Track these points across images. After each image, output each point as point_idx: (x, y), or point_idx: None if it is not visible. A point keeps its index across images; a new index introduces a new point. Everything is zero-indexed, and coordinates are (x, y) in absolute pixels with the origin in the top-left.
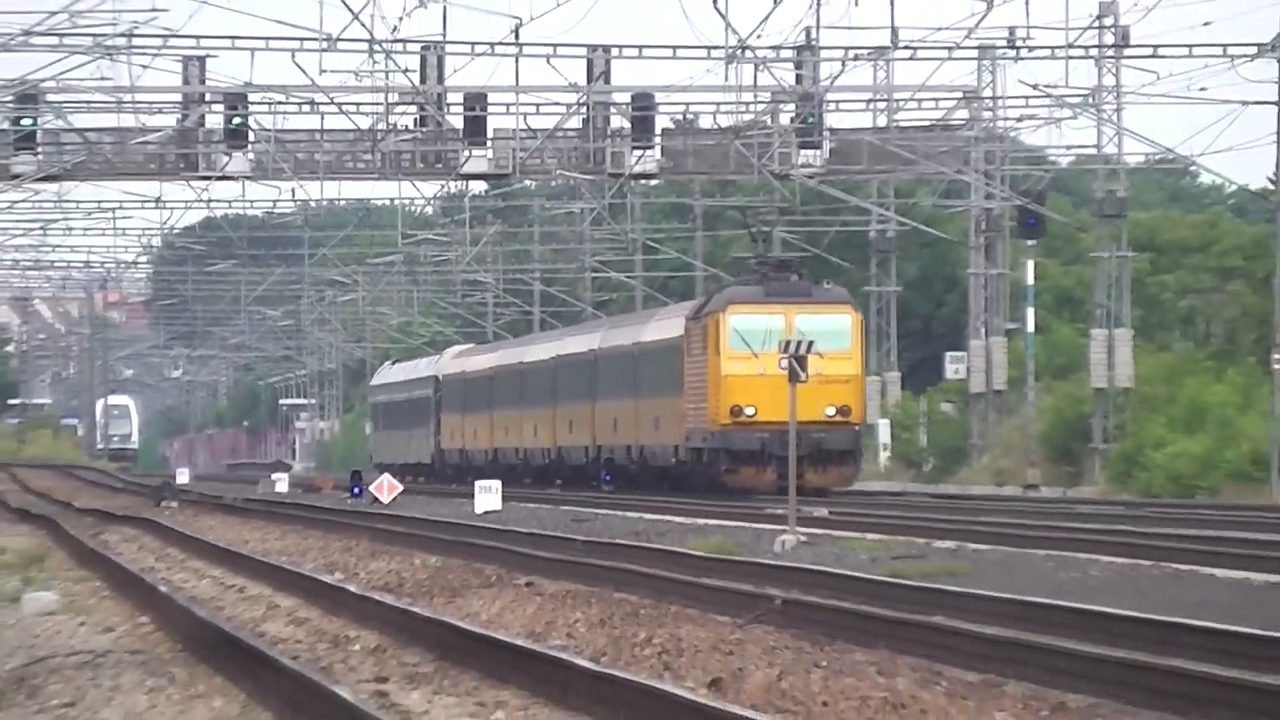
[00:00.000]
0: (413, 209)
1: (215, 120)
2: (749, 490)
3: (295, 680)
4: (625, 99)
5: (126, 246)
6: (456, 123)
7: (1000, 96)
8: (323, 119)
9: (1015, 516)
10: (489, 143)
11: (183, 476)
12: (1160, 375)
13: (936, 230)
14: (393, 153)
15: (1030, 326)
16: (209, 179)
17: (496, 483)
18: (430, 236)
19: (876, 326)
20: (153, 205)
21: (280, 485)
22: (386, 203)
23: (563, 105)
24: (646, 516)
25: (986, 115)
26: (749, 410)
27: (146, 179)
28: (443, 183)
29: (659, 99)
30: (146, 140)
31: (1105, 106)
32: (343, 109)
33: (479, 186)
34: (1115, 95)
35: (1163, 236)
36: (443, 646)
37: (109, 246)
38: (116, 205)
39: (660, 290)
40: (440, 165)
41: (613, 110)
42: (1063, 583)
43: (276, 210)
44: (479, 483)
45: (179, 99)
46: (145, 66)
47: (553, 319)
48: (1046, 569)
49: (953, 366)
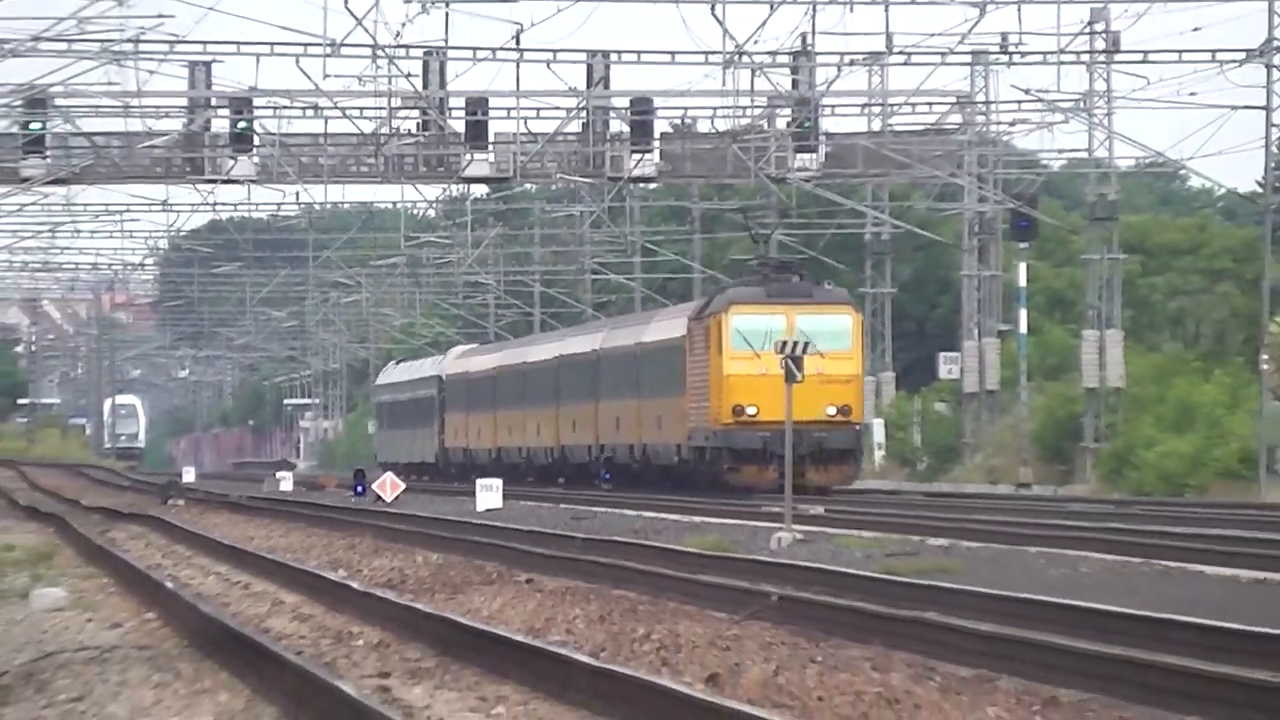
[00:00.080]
0: (415, 212)
1: (221, 124)
2: (751, 489)
3: (299, 675)
4: (624, 104)
5: (134, 249)
6: (458, 127)
7: (993, 101)
8: (326, 123)
9: (1007, 514)
10: (490, 146)
11: (189, 475)
12: (1150, 375)
13: (930, 233)
14: (395, 156)
15: (1023, 327)
16: (215, 182)
17: (498, 481)
18: (432, 239)
19: (871, 328)
20: (159, 208)
21: (285, 484)
22: (389, 206)
23: (563, 110)
24: (645, 514)
25: (979, 120)
26: (751, 410)
27: (153, 182)
28: (445, 186)
29: (657, 104)
30: (153, 144)
31: (1096, 111)
32: (346, 113)
33: (480, 190)
34: (1106, 100)
35: (1153, 239)
36: (444, 642)
37: (116, 249)
38: (124, 208)
39: (659, 292)
40: (442, 169)
41: (612, 115)
42: (1054, 579)
43: (281, 213)
44: (480, 481)
45: (185, 103)
46: (152, 72)
47: (553, 320)
48: (1038, 566)
49: (946, 367)
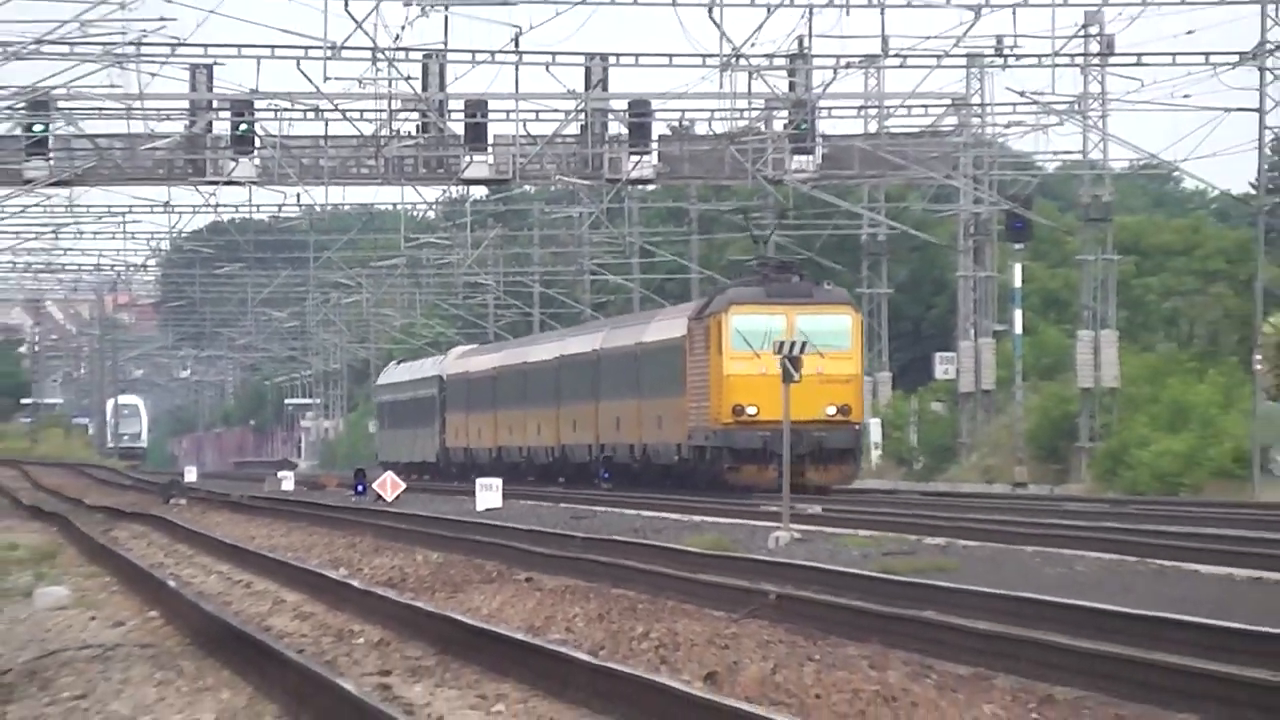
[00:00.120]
0: (415, 213)
1: (222, 127)
2: (751, 488)
3: (300, 673)
4: (622, 106)
5: (136, 250)
6: (458, 129)
7: (988, 103)
8: (327, 125)
9: (1003, 513)
10: (489, 148)
11: (190, 474)
12: (1145, 375)
13: (926, 234)
14: (395, 158)
15: (1018, 328)
16: (216, 184)
17: (497, 480)
18: (432, 240)
19: (868, 328)
20: (161, 210)
21: (286, 483)
22: (389, 207)
23: (561, 112)
24: (644, 514)
25: (975, 122)
26: (751, 409)
27: (155, 184)
28: (444, 188)
29: (655, 106)
30: (155, 146)
31: (1091, 113)
32: (347, 116)
33: (480, 191)
34: (1100, 102)
35: (1147, 240)
36: (444, 640)
37: (119, 250)
38: (126, 210)
39: (657, 292)
40: (442, 170)
41: (610, 117)
42: (1050, 578)
43: (282, 214)
44: (480, 480)
45: (187, 106)
46: (154, 74)
47: (552, 320)
48: (1034, 565)
49: (942, 367)
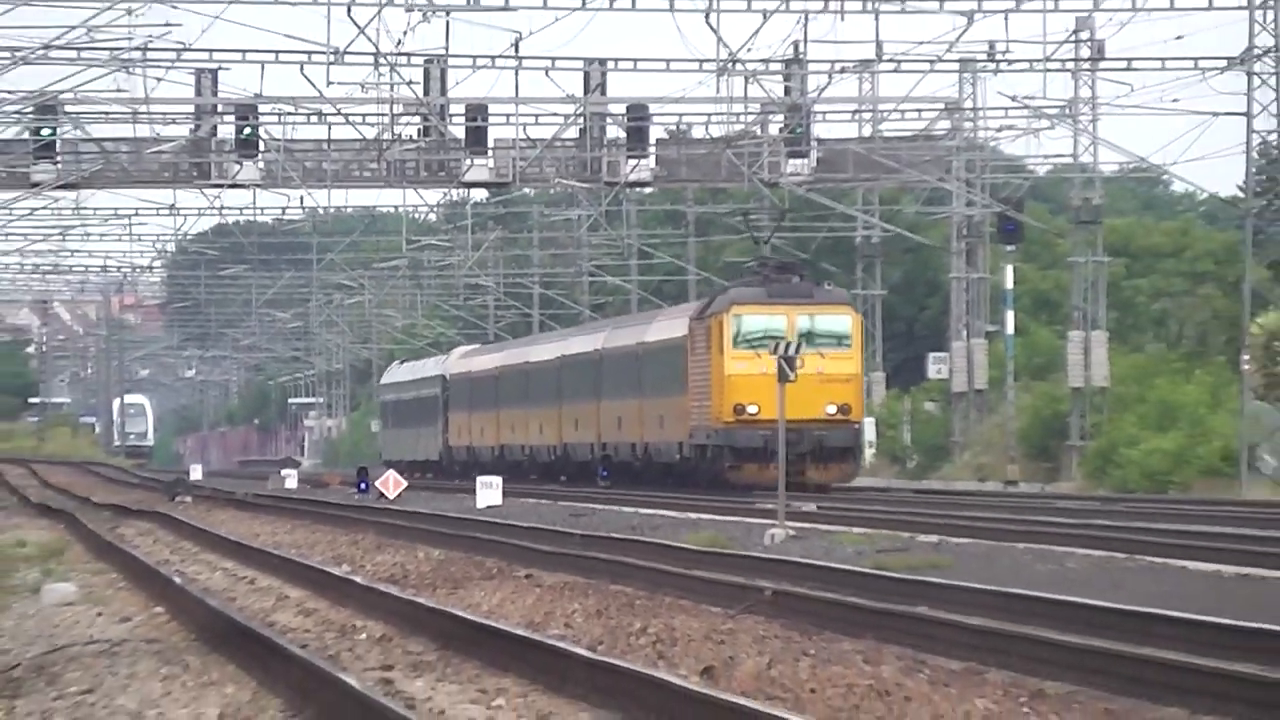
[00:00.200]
0: (416, 216)
1: (227, 130)
2: (752, 486)
3: (304, 668)
4: (621, 110)
5: (142, 252)
6: (458, 133)
7: (980, 108)
8: (330, 129)
9: (996, 511)
10: (490, 152)
11: (196, 473)
12: (1134, 375)
13: (919, 236)
14: (397, 162)
15: (1010, 328)
16: (221, 187)
17: (497, 479)
18: (433, 242)
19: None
20: (167, 212)
21: (289, 481)
22: (391, 210)
23: (561, 116)
24: (642, 511)
25: (967, 126)
26: (752, 408)
27: (161, 187)
28: (445, 190)
29: (653, 110)
30: (161, 149)
31: (1081, 117)
32: (349, 120)
33: (480, 194)
34: (1091, 106)
35: (1137, 242)
36: (445, 636)
37: (125, 252)
38: (132, 212)
39: (655, 294)
40: (443, 174)
41: (609, 121)
42: (1041, 575)
43: (286, 217)
44: (480, 478)
45: (192, 110)
46: (160, 79)
47: (551, 321)
48: (1026, 561)
49: (935, 367)
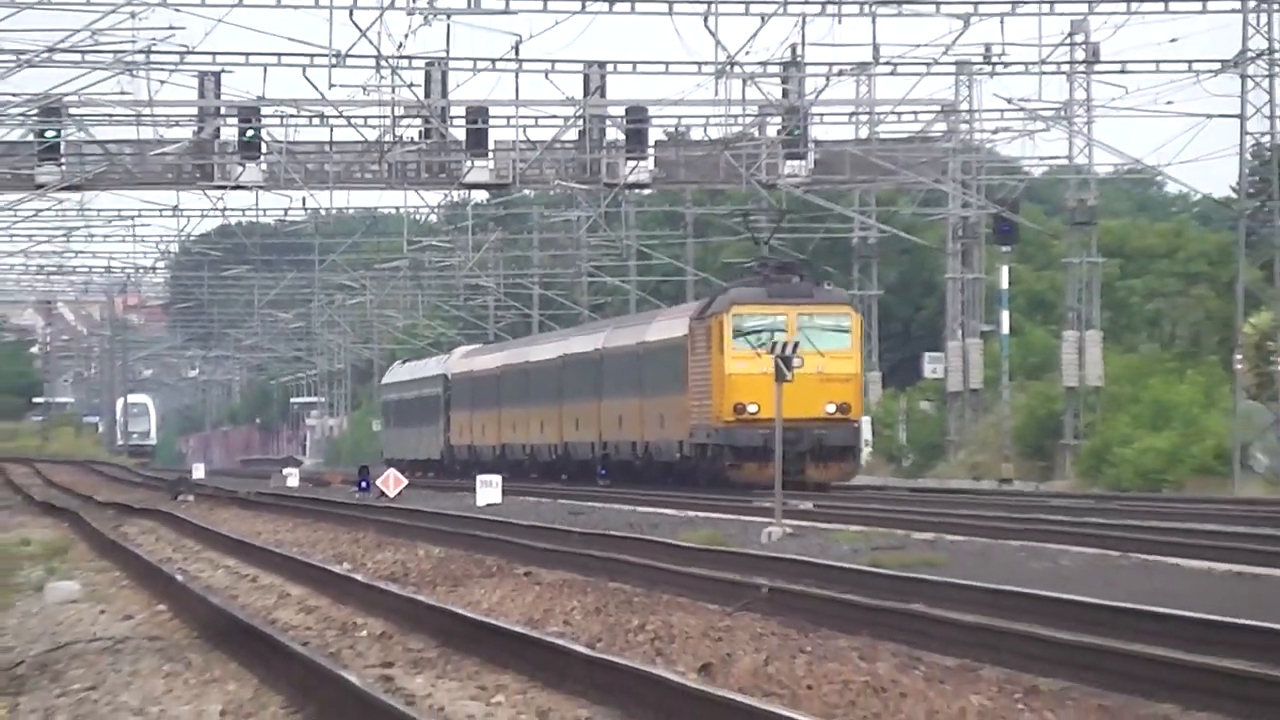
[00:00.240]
0: (417, 217)
1: (230, 132)
2: (752, 485)
3: (305, 665)
4: (620, 112)
5: (145, 252)
6: (459, 135)
7: (976, 110)
8: (332, 131)
9: (990, 509)
10: (490, 154)
11: (198, 472)
12: (1128, 375)
13: (916, 237)
14: (398, 163)
15: (1005, 329)
16: (224, 188)
17: (497, 477)
18: (434, 243)
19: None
20: (170, 213)
21: (291, 480)
22: (392, 211)
23: (560, 118)
24: (640, 510)
25: (963, 128)
26: (752, 408)
27: (164, 188)
28: (446, 192)
29: (652, 112)
30: (164, 151)
31: (1076, 119)
32: (351, 122)
33: (480, 196)
34: (1086, 109)
35: (1131, 243)
36: (445, 633)
37: (129, 252)
38: (136, 213)
39: (653, 294)
40: (444, 175)
41: (608, 123)
42: (1035, 572)
43: (288, 218)
44: (480, 477)
45: (195, 112)
46: (163, 81)
47: (551, 321)
48: (1020, 559)
49: (931, 367)
